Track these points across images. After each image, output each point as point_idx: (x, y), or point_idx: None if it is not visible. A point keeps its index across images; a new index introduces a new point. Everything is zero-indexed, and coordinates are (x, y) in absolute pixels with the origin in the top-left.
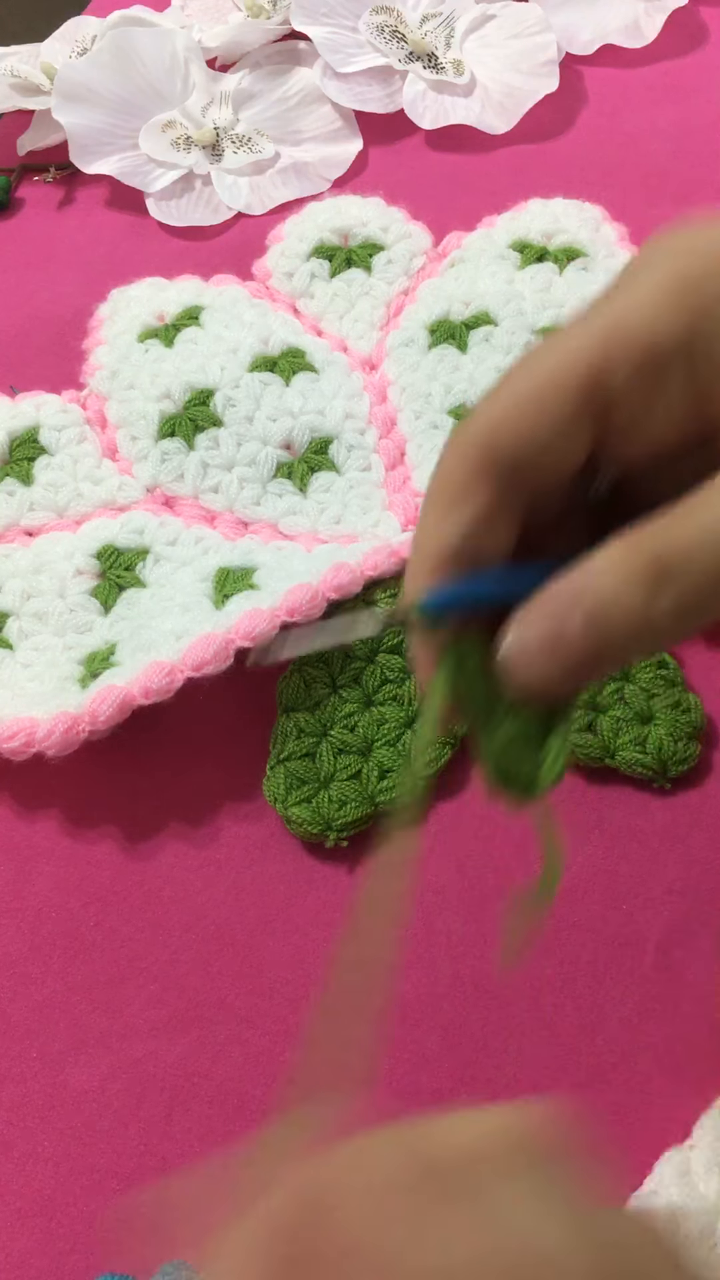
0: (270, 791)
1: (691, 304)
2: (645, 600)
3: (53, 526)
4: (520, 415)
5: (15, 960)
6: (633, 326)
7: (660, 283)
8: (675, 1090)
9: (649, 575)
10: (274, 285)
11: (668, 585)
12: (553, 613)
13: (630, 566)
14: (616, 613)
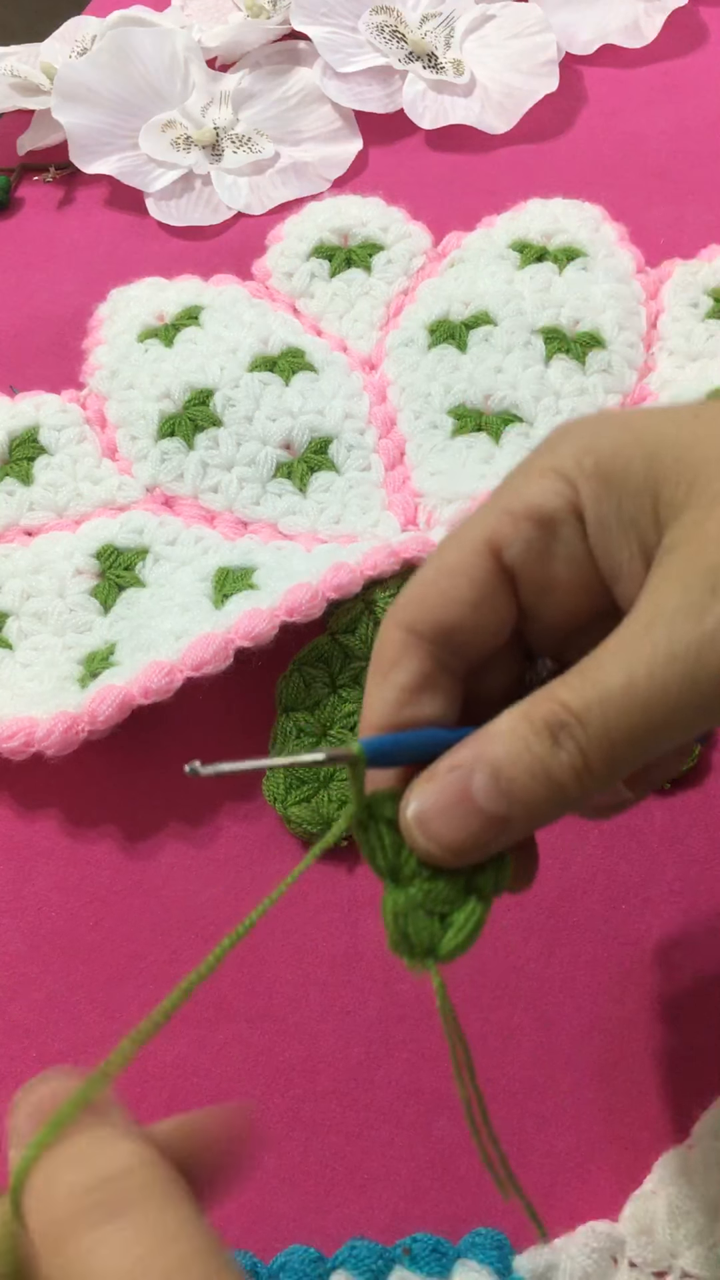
0: (270, 791)
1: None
2: (545, 754)
3: (52, 526)
4: (432, 589)
5: (15, 960)
6: (522, 497)
7: (549, 462)
8: (675, 1090)
9: (546, 731)
10: (274, 285)
11: (566, 739)
12: (454, 774)
13: (529, 723)
14: (518, 770)
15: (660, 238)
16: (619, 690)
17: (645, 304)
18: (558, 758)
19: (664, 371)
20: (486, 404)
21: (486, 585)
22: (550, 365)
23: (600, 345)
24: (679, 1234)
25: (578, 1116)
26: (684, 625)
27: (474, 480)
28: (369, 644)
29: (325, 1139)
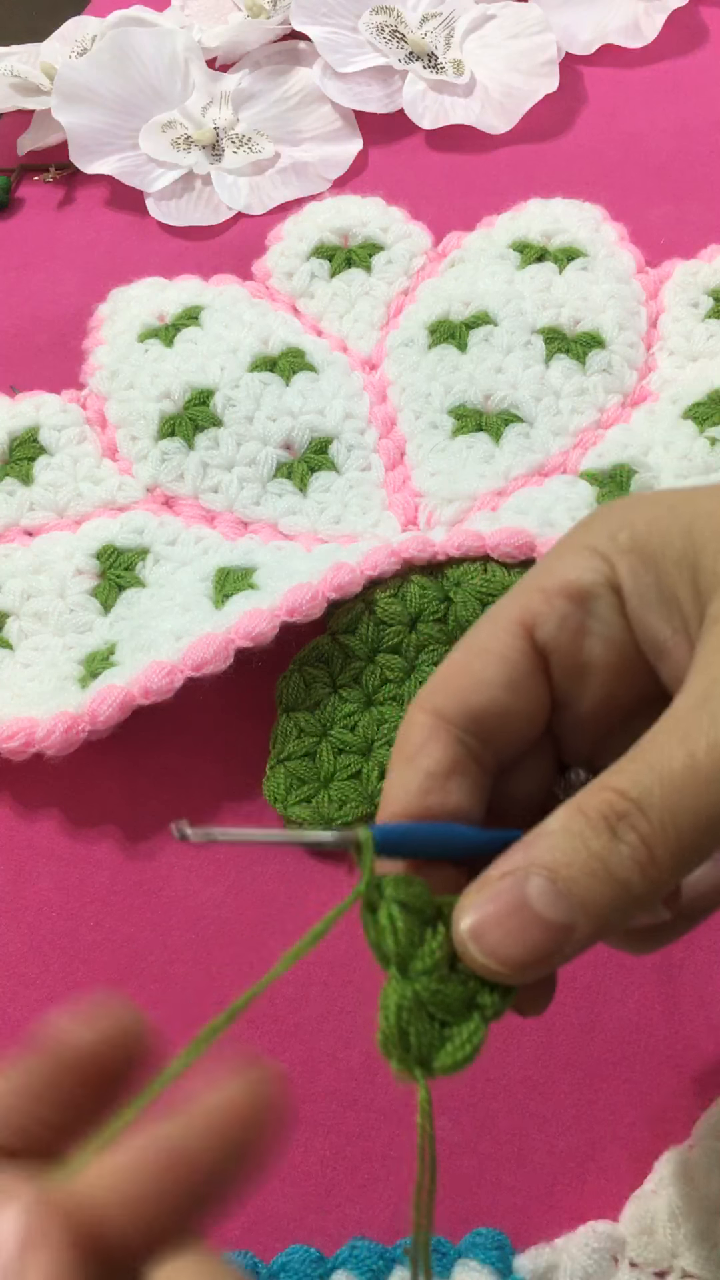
0: (270, 791)
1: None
2: (604, 849)
3: (52, 526)
4: (460, 670)
5: (15, 960)
6: (556, 574)
7: (584, 541)
8: (675, 1090)
9: (604, 824)
10: (274, 285)
11: (626, 831)
12: (507, 880)
13: (584, 817)
14: (575, 870)
15: (660, 238)
16: (680, 770)
17: (645, 304)
18: (619, 852)
19: (664, 371)
20: (487, 404)
21: (518, 666)
22: (550, 365)
23: (600, 345)
24: (680, 1234)
25: (578, 1116)
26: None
27: (474, 480)
28: (369, 644)
29: (325, 1139)
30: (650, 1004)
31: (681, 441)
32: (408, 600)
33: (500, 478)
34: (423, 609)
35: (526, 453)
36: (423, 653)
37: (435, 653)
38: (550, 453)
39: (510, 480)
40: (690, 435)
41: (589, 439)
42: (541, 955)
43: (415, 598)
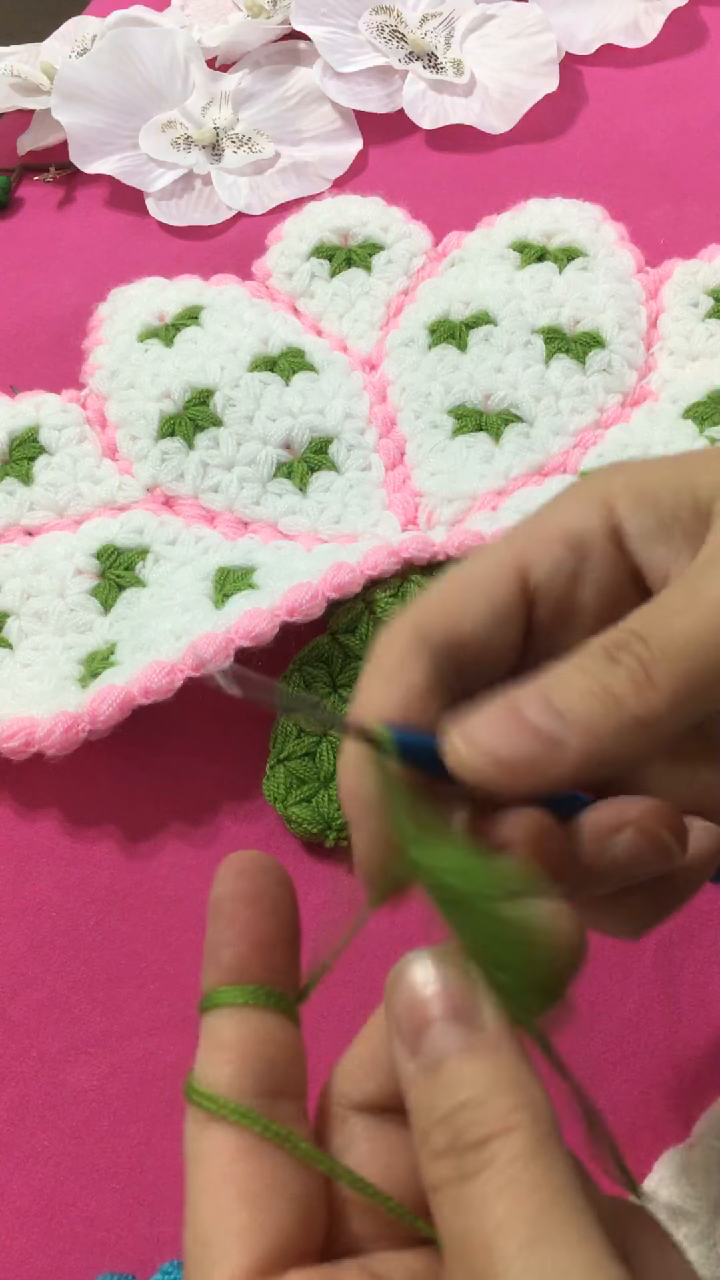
0: (270, 791)
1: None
2: (601, 670)
3: (53, 526)
4: (450, 598)
5: (15, 960)
6: (556, 520)
7: (582, 491)
8: (675, 1090)
9: (602, 652)
10: (274, 285)
11: (625, 656)
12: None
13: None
14: (571, 688)
15: (660, 238)
16: (683, 605)
17: (645, 304)
18: (615, 672)
19: (664, 371)
20: (486, 404)
21: (505, 604)
22: (550, 365)
23: (600, 345)
24: (679, 1234)
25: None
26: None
27: (474, 480)
28: (369, 644)
29: None
30: (650, 1004)
31: (681, 441)
32: (408, 600)
33: (500, 478)
34: None
35: (526, 452)
36: None
37: None
38: (550, 453)
39: (510, 480)
40: (690, 435)
41: (589, 439)
42: (532, 760)
43: (415, 597)
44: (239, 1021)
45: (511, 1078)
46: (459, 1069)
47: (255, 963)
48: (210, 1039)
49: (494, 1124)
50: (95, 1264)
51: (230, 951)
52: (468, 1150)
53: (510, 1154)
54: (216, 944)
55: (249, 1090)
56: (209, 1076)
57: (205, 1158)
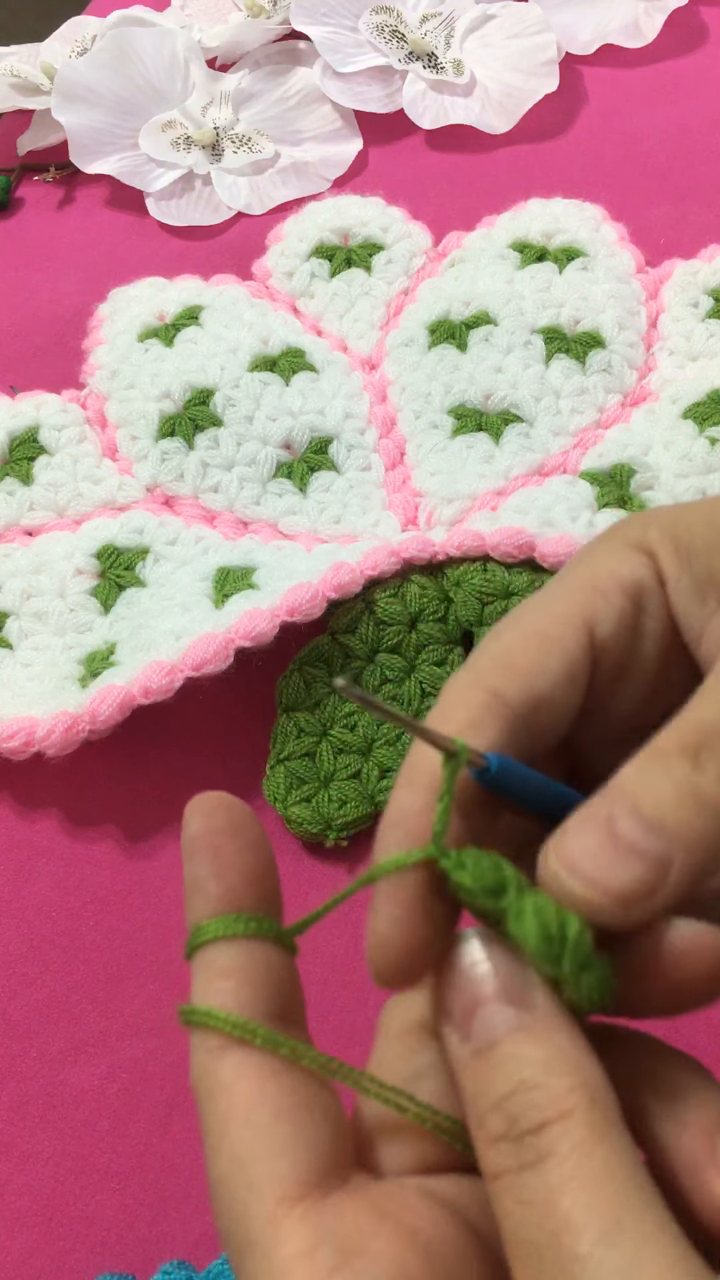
0: (270, 791)
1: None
2: (689, 775)
3: (53, 526)
4: (522, 656)
5: (15, 960)
6: (611, 572)
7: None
8: None
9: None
10: (274, 285)
11: (707, 757)
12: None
13: (660, 754)
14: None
15: (660, 238)
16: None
17: (645, 304)
18: (706, 775)
19: (664, 371)
20: (487, 404)
21: (578, 661)
22: (550, 365)
23: (600, 345)
24: None
25: None
26: None
27: (474, 480)
28: (369, 644)
29: None
30: None
31: (681, 441)
32: (408, 600)
33: (500, 477)
34: (423, 609)
35: (526, 452)
36: (423, 653)
37: (435, 652)
38: (550, 452)
39: (510, 480)
40: (690, 435)
41: (589, 439)
42: (644, 888)
43: (415, 598)
44: (240, 950)
45: (567, 1058)
46: (513, 1051)
47: (246, 894)
48: (210, 969)
49: (551, 1107)
50: (95, 1264)
51: (219, 884)
52: (526, 1135)
53: (572, 1142)
54: (201, 878)
55: (261, 1014)
56: (216, 1003)
57: (228, 1083)
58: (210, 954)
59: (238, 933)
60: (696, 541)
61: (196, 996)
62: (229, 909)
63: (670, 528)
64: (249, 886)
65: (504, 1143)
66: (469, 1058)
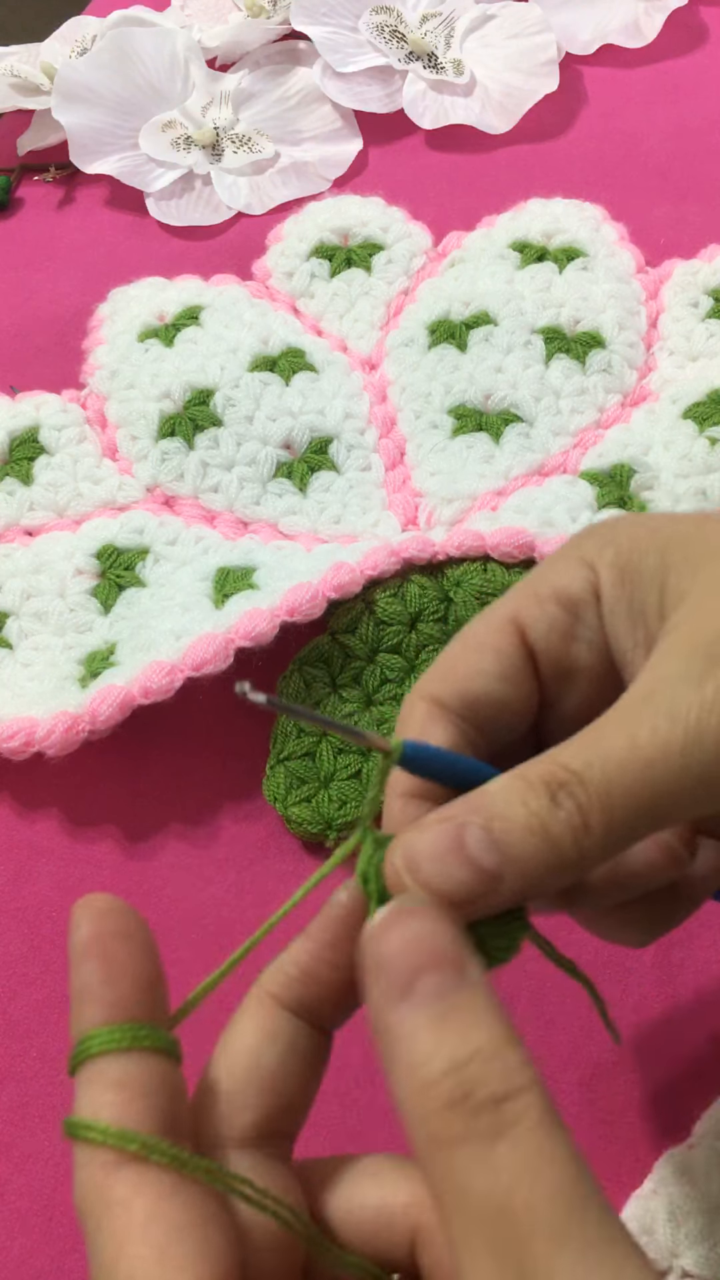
0: (270, 791)
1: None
2: (542, 810)
3: (53, 526)
4: (457, 662)
5: (15, 960)
6: (548, 580)
7: (575, 552)
8: (675, 1090)
9: (544, 788)
10: (274, 285)
11: (564, 798)
12: (447, 824)
13: (525, 781)
14: (513, 824)
15: (660, 238)
16: (620, 751)
17: (645, 304)
18: (555, 815)
19: (664, 371)
20: (486, 404)
21: (510, 660)
22: (550, 365)
23: (600, 345)
24: (680, 1234)
25: (578, 1116)
26: (684, 691)
27: (474, 480)
28: (369, 643)
29: (326, 1140)
30: (650, 1004)
31: (681, 441)
32: (408, 600)
33: (500, 477)
34: (423, 609)
35: (526, 452)
36: (423, 652)
37: (435, 652)
38: (550, 452)
39: (510, 480)
40: (690, 435)
41: (589, 439)
42: (468, 895)
43: (415, 597)
44: (132, 1062)
45: (510, 1034)
46: (467, 1019)
47: (136, 1002)
48: (100, 1082)
49: (506, 1081)
50: None
51: (111, 991)
52: (484, 1107)
53: (533, 1120)
54: (91, 985)
55: (154, 1128)
56: (106, 1117)
57: (124, 1200)
58: (100, 1066)
59: (130, 1044)
60: (642, 571)
61: (84, 1110)
62: (119, 1017)
63: (624, 550)
64: (140, 994)
65: (460, 1110)
66: (416, 1021)
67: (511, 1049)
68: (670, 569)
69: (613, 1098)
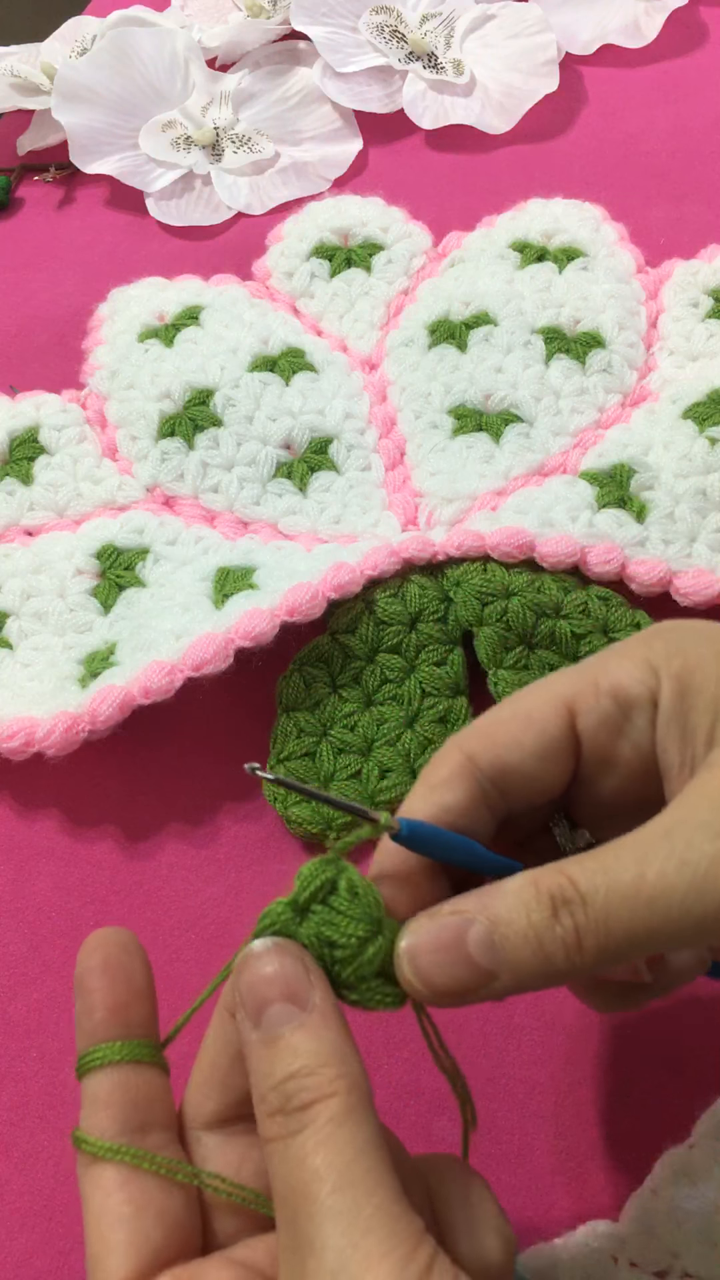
0: (270, 791)
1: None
2: (541, 924)
3: (53, 526)
4: (502, 728)
5: (15, 960)
6: (610, 674)
7: (643, 652)
8: (675, 1090)
9: (549, 902)
10: (274, 285)
11: (565, 915)
12: (455, 918)
13: (535, 890)
14: (513, 931)
15: (660, 238)
16: (626, 882)
17: (645, 304)
18: (553, 930)
19: (664, 371)
20: (487, 404)
21: (553, 741)
22: (550, 365)
23: (600, 345)
24: (679, 1233)
25: (578, 1116)
26: (701, 839)
27: (474, 480)
28: (369, 644)
29: None
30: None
31: (681, 441)
32: (408, 600)
33: (500, 477)
34: (423, 609)
35: (526, 452)
36: (423, 652)
37: (435, 652)
38: (550, 452)
39: (510, 480)
40: (690, 435)
41: (589, 439)
42: (460, 990)
43: (415, 598)
44: (110, 1075)
45: (335, 1051)
46: (291, 1042)
47: (115, 1023)
48: (88, 1095)
49: (317, 1090)
50: None
51: (93, 1018)
52: (295, 1111)
53: (327, 1116)
54: (81, 1014)
55: (119, 1131)
56: (89, 1126)
57: (90, 1194)
58: (92, 1081)
59: (110, 1059)
60: (702, 693)
61: (82, 1121)
62: (107, 1036)
63: (690, 666)
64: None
65: (279, 1115)
66: (257, 1044)
67: (329, 1066)
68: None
69: (613, 1097)
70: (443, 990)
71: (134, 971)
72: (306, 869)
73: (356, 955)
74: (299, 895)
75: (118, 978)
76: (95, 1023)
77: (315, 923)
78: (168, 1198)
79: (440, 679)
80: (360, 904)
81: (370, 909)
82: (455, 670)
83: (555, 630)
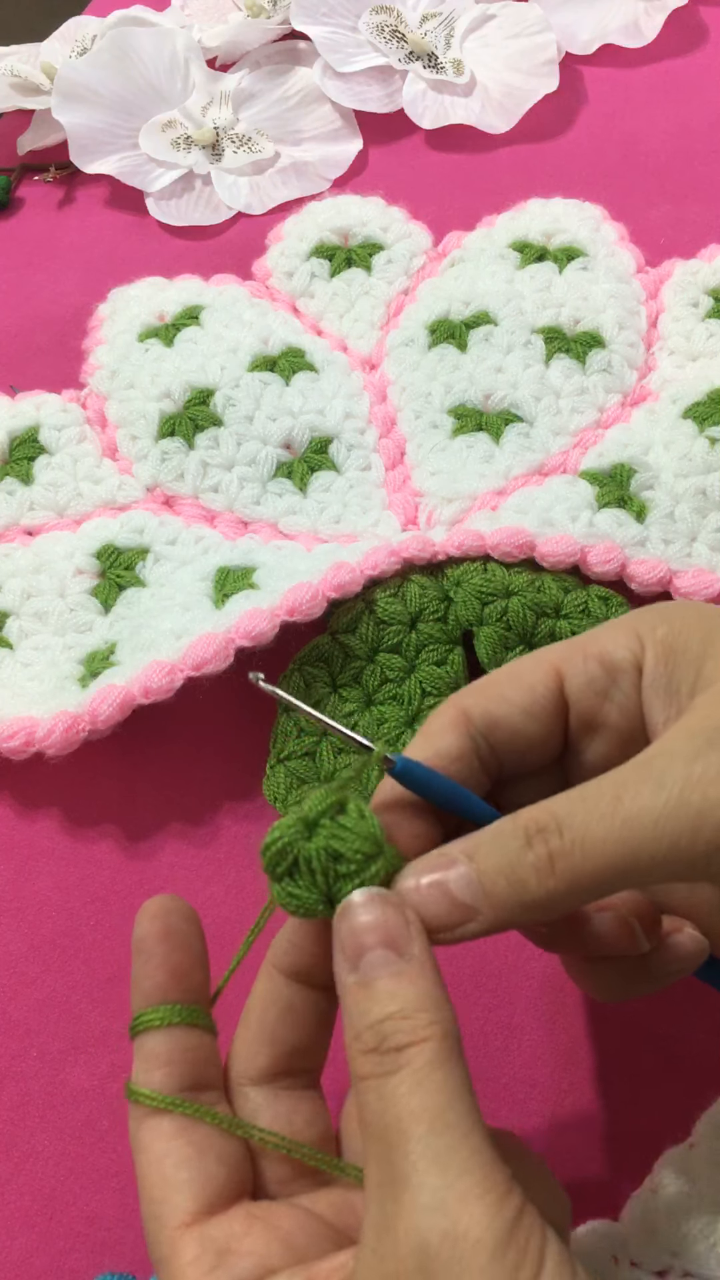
0: (270, 791)
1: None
2: (515, 852)
3: (53, 526)
4: (493, 685)
5: (15, 960)
6: (598, 641)
7: (631, 622)
8: (675, 1090)
9: (523, 833)
10: (274, 285)
11: (539, 842)
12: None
13: (513, 823)
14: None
15: (660, 238)
16: (604, 805)
17: (645, 303)
18: (524, 858)
19: (664, 371)
20: (487, 404)
21: (540, 700)
22: (550, 365)
23: (600, 345)
24: (680, 1233)
25: (578, 1116)
26: (677, 764)
27: (474, 480)
28: (369, 643)
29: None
30: (650, 1004)
31: (681, 441)
32: (408, 600)
33: (500, 477)
34: (423, 609)
35: (526, 452)
36: (423, 652)
37: (435, 652)
38: (550, 452)
39: (510, 480)
40: (690, 435)
41: (589, 439)
42: (445, 924)
43: (415, 597)
44: (164, 1035)
45: (431, 998)
46: (389, 987)
47: (171, 987)
48: (142, 1053)
49: (413, 1034)
50: (95, 1264)
51: (151, 980)
52: (390, 1051)
53: (425, 1059)
54: (139, 976)
55: (174, 1088)
56: (144, 1081)
57: (150, 1141)
58: (145, 1040)
59: (162, 1021)
60: (685, 652)
61: (135, 1076)
62: (160, 1000)
63: (675, 630)
64: (175, 980)
65: (374, 1054)
66: (355, 986)
67: (423, 1011)
68: (710, 656)
69: (613, 1097)
70: (432, 923)
71: (192, 939)
72: (316, 793)
73: (361, 870)
74: (311, 811)
75: (177, 943)
76: (155, 984)
77: (324, 836)
78: (224, 1145)
79: (440, 679)
80: (368, 824)
81: (376, 830)
82: (455, 670)
83: (555, 630)
